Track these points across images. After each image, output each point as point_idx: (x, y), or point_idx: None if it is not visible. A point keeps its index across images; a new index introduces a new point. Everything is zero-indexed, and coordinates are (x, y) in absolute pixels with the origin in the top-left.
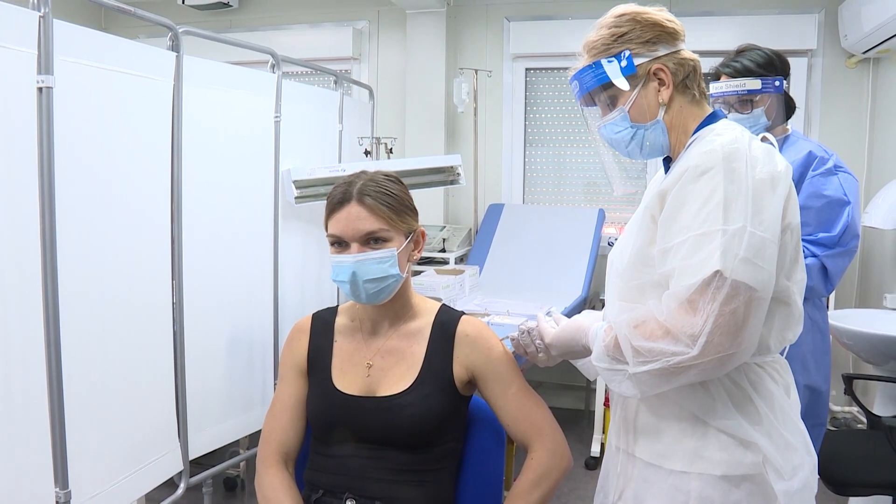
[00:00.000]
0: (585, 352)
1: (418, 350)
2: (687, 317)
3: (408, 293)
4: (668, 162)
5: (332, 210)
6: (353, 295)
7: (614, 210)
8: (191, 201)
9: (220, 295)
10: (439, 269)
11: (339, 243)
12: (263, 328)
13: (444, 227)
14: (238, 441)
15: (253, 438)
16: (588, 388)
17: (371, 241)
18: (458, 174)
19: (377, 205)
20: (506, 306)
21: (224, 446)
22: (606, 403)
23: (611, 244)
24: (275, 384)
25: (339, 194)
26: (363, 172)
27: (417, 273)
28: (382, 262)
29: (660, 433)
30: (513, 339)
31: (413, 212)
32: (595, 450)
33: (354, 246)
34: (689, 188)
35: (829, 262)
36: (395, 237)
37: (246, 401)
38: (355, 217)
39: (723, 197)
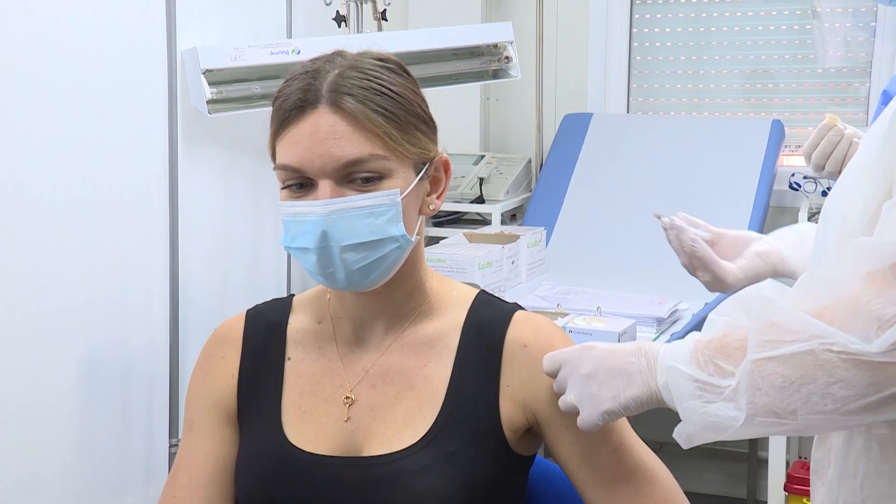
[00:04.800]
0: (640, 378)
1: (437, 372)
2: (884, 288)
3: (419, 272)
4: None
5: (282, 123)
6: (321, 274)
7: (801, 121)
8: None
9: (56, 294)
10: (473, 234)
11: (299, 183)
12: (147, 344)
13: (483, 156)
14: None
15: None
16: (752, 456)
17: (356, 177)
18: (508, 59)
19: (365, 111)
20: (595, 299)
21: None
22: (790, 487)
23: (810, 184)
24: (171, 444)
25: (295, 94)
26: (337, 55)
27: (436, 241)
28: (375, 215)
29: None
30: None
31: (428, 126)
32: None
33: (325, 186)
34: None
35: None
36: (396, 171)
37: (108, 480)
38: (326, 134)
39: None
